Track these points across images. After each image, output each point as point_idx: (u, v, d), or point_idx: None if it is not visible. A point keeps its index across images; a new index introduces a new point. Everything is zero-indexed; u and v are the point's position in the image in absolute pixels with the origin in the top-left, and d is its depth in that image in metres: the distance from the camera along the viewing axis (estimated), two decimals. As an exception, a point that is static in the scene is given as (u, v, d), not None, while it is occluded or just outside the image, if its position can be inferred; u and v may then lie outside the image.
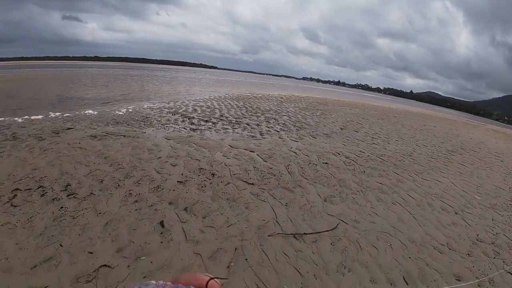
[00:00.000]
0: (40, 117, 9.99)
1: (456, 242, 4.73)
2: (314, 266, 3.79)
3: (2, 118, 9.44)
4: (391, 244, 4.44)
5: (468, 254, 4.44)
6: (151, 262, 3.59)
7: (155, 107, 13.27)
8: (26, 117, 9.85)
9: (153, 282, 0.47)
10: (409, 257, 4.17)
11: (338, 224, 4.79)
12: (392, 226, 4.97)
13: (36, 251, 3.61)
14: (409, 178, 7.39)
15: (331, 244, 4.26)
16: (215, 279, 0.45)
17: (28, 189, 4.96)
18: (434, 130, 16.68)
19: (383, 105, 34.18)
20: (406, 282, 3.70)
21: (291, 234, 4.39)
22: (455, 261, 4.23)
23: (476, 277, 3.93)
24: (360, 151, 9.28)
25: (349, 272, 3.76)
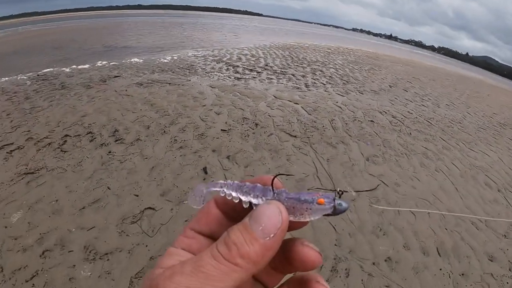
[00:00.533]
0: (87, 66, 10.22)
1: (495, 221, 4.59)
2: (350, 224, 3.86)
3: (51, 69, 9.73)
4: (429, 213, 4.40)
5: (505, 236, 4.30)
6: (194, 207, 3.77)
7: (200, 55, 13.16)
8: (74, 66, 10.09)
9: (221, 181, 0.51)
10: (446, 229, 4.13)
11: (378, 185, 4.79)
12: (432, 194, 4.89)
13: (85, 194, 3.89)
14: (455, 146, 7.12)
15: (369, 205, 4.29)
16: (278, 177, 0.48)
17: (77, 135, 5.25)
18: (487, 99, 15.64)
19: (436, 65, 32.38)
20: (439, 254, 3.70)
21: (330, 190, 4.42)
22: (490, 240, 4.13)
23: (509, 261, 3.86)
24: (408, 111, 8.95)
25: (384, 235, 3.80)
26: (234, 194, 0.48)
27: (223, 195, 0.49)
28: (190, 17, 54.74)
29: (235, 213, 0.49)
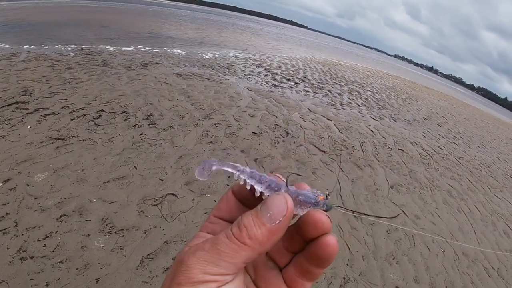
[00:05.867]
0: (130, 48, 10.57)
1: (507, 271, 4.50)
2: (365, 247, 3.89)
3: (95, 45, 10.09)
4: (444, 250, 4.38)
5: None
6: (215, 201, 3.88)
7: (241, 57, 13.40)
8: (117, 47, 10.44)
9: (238, 164, 0.56)
10: (458, 269, 4.11)
11: (398, 215, 4.79)
12: (450, 232, 4.86)
13: (111, 168, 4.06)
14: (480, 189, 7.00)
15: (386, 231, 4.31)
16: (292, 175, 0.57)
17: (112, 112, 5.48)
18: (520, 147, 15.31)
19: (473, 104, 31.72)
20: (447, 293, 3.69)
21: (351, 210, 4.47)
22: (499, 289, 4.09)
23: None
24: (439, 147, 8.88)
25: (396, 264, 3.81)
26: (249, 180, 0.54)
27: (236, 178, 0.56)
28: (238, 18, 55.20)
29: (248, 202, 0.58)
